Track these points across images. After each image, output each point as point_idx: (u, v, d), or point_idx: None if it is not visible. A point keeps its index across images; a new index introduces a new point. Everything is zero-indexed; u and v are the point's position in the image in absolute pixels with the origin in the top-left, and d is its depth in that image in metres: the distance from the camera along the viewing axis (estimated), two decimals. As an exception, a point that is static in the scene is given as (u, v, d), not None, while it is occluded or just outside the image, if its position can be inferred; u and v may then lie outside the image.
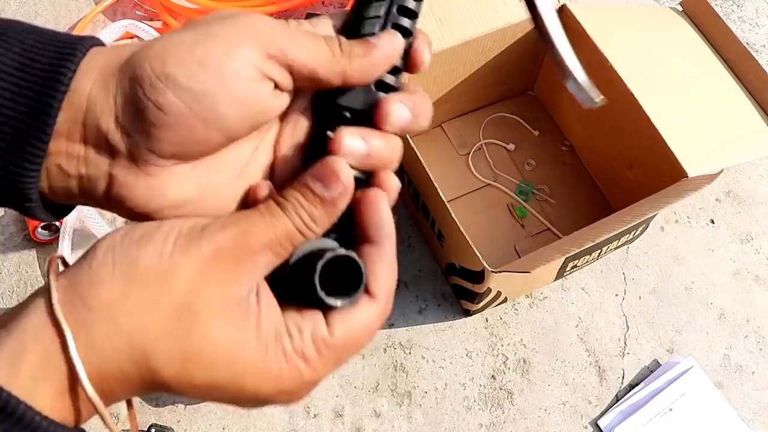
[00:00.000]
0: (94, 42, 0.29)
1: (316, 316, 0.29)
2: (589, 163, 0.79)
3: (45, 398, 0.24)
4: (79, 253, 0.75)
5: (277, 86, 0.30)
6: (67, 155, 0.28)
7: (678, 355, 0.71)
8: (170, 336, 0.26)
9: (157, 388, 0.27)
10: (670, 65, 0.69)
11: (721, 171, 0.59)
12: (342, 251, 0.29)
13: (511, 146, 0.79)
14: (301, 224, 0.29)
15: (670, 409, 0.68)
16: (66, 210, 0.32)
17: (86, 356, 0.25)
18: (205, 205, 0.30)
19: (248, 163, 0.32)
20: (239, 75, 0.28)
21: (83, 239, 0.75)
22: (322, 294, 0.28)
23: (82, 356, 0.25)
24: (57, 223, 0.73)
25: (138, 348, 0.25)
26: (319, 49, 0.30)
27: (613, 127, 0.71)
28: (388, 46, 0.32)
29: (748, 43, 0.91)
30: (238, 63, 0.28)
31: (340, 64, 0.30)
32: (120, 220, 0.76)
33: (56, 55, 0.28)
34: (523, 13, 0.66)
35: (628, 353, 0.71)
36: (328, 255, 0.29)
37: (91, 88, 0.28)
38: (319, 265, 0.28)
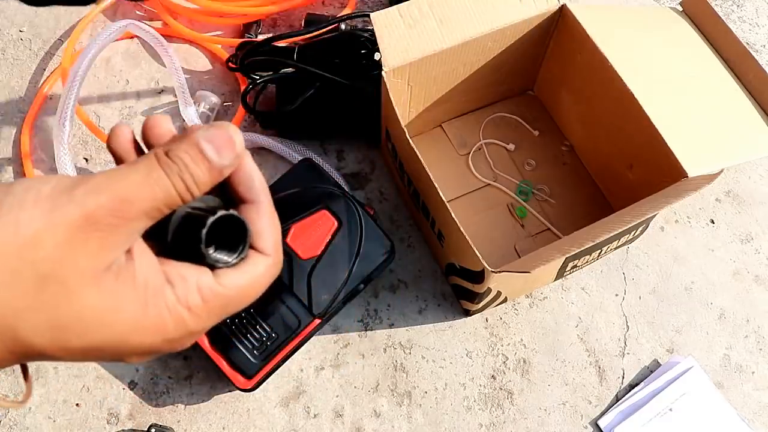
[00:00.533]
0: None
1: (201, 268, 0.29)
2: (589, 163, 0.79)
3: None
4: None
5: None
6: None
7: (678, 355, 0.71)
8: (36, 308, 0.25)
9: (33, 356, 0.26)
10: (670, 65, 0.68)
11: (721, 171, 0.59)
12: (225, 212, 0.29)
13: (511, 146, 0.79)
14: (184, 189, 0.27)
15: (670, 409, 0.68)
16: None
17: None
18: None
19: None
20: None
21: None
22: (212, 252, 0.28)
23: None
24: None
25: (3, 323, 0.24)
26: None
27: (613, 127, 0.71)
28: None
29: (748, 43, 0.91)
30: None
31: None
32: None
33: None
34: (523, 13, 0.67)
35: (628, 353, 0.71)
36: (218, 215, 0.28)
37: None
38: (208, 222, 0.28)
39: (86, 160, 0.80)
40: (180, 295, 0.28)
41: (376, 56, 0.75)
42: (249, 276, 0.30)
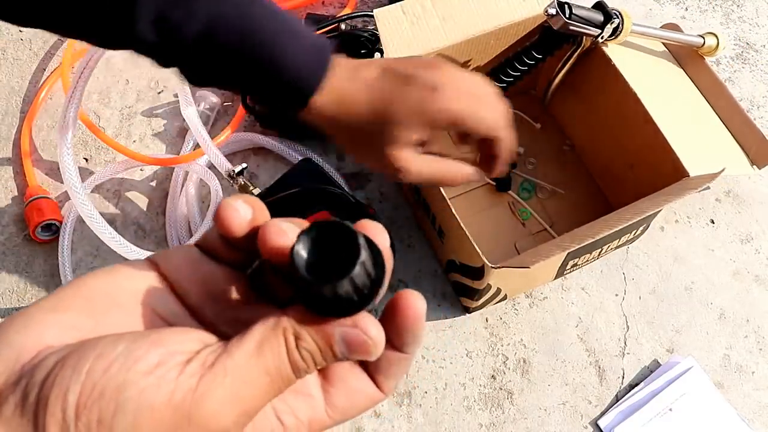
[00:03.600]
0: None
1: (314, 399, 0.27)
2: (590, 162, 0.79)
3: None
4: (79, 253, 0.75)
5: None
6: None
7: (678, 355, 0.71)
8: None
9: None
10: (672, 76, 0.70)
11: (722, 171, 0.59)
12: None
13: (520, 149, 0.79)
14: (301, 371, 0.25)
15: (670, 409, 0.68)
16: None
17: None
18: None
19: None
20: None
21: (83, 239, 0.75)
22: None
23: None
24: (57, 223, 0.73)
25: None
26: None
27: (614, 126, 0.71)
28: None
29: (748, 43, 0.92)
30: None
31: None
32: (123, 223, 0.76)
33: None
34: (525, 12, 0.67)
35: (628, 353, 0.71)
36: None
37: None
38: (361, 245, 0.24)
39: (86, 160, 0.80)
40: None
41: (377, 56, 0.75)
42: (357, 410, 0.28)
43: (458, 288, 0.71)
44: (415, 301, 0.27)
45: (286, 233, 0.26)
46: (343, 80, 0.47)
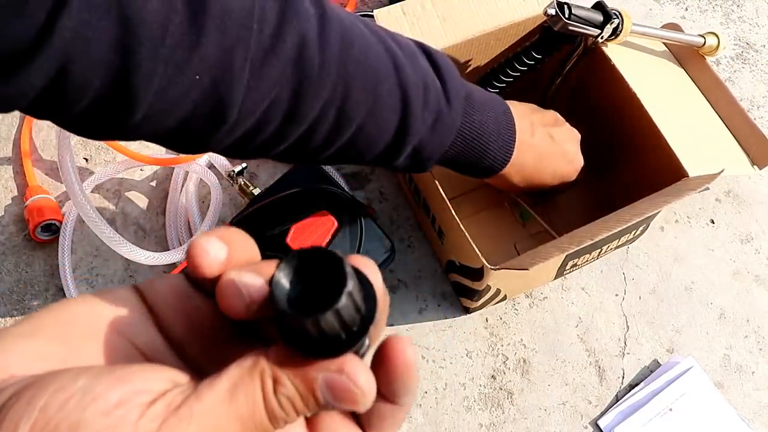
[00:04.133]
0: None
1: None
2: (589, 162, 0.78)
3: None
4: (79, 253, 0.75)
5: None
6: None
7: (678, 355, 0.71)
8: None
9: None
10: (672, 77, 0.69)
11: (722, 171, 0.59)
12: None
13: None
14: (279, 420, 0.23)
15: (670, 409, 0.68)
16: None
17: None
18: None
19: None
20: None
21: (83, 239, 0.75)
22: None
23: None
24: (57, 223, 0.73)
25: None
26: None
27: (614, 126, 0.71)
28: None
29: (748, 43, 0.92)
30: None
31: None
32: (123, 223, 0.76)
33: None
34: (525, 12, 0.67)
35: (628, 353, 0.71)
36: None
37: None
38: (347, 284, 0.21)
39: (86, 160, 0.80)
40: None
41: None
42: None
43: (458, 288, 0.71)
44: (403, 348, 0.24)
45: (243, 292, 0.23)
46: (521, 153, 0.58)
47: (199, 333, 0.25)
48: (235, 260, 0.25)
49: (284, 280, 0.22)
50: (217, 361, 0.23)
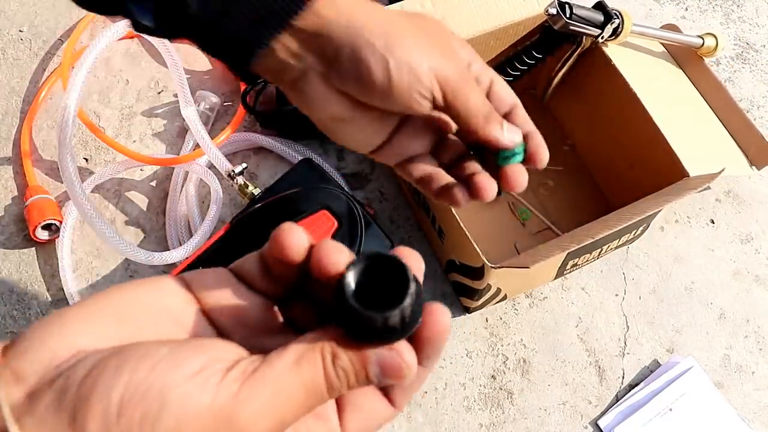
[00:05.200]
0: None
1: (331, 422, 0.28)
2: (590, 162, 0.79)
3: None
4: (79, 253, 0.74)
5: None
6: (288, 42, 0.36)
7: (678, 355, 0.71)
8: None
9: None
10: (674, 83, 0.70)
11: (722, 171, 0.59)
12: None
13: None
14: (335, 390, 0.26)
15: (670, 409, 0.68)
16: (251, 79, 0.40)
17: None
18: (346, 127, 0.40)
19: (385, 125, 0.41)
20: (421, 82, 0.37)
21: (83, 239, 0.75)
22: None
23: None
24: (57, 223, 0.73)
25: None
26: (481, 109, 0.41)
27: (615, 126, 0.71)
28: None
29: (747, 43, 0.92)
30: (425, 74, 0.37)
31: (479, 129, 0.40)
32: (123, 223, 0.76)
33: None
34: (525, 12, 0.67)
35: (628, 353, 0.71)
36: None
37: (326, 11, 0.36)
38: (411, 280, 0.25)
39: (86, 160, 0.80)
40: None
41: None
42: (373, 429, 0.29)
43: (458, 288, 0.71)
44: (442, 316, 0.27)
45: (342, 252, 0.27)
46: None
47: (243, 323, 0.28)
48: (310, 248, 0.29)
49: (351, 281, 0.25)
50: (259, 350, 0.26)
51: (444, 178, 0.41)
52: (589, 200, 0.77)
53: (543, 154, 0.42)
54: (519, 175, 0.41)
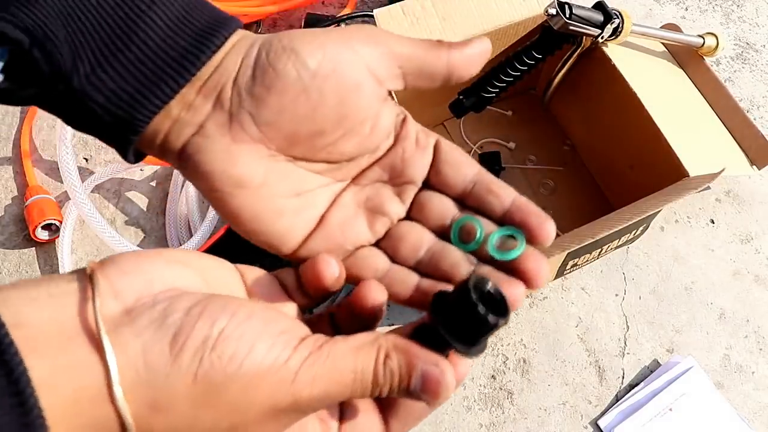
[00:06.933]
0: (239, 24, 0.32)
1: (331, 429, 0.30)
2: (590, 162, 0.79)
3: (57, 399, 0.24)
4: (79, 253, 0.75)
5: (384, 91, 0.32)
6: (182, 100, 0.30)
7: (678, 355, 0.71)
8: None
9: None
10: (675, 83, 0.70)
11: (722, 171, 0.60)
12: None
13: (512, 145, 0.80)
14: (378, 387, 0.28)
15: (670, 409, 0.68)
16: (138, 158, 0.33)
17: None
18: (256, 201, 0.31)
19: (311, 193, 0.33)
20: (351, 65, 0.30)
21: (83, 239, 0.75)
22: (487, 315, 0.27)
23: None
24: (57, 223, 0.73)
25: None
26: (423, 44, 0.32)
27: (614, 126, 0.71)
28: (481, 46, 0.33)
29: (747, 43, 0.92)
30: (351, 55, 0.30)
31: (441, 55, 0.32)
32: (123, 223, 0.76)
33: (213, 21, 0.31)
34: (525, 12, 0.67)
35: (628, 353, 0.71)
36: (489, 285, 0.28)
37: (227, 53, 0.31)
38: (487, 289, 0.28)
39: (86, 159, 0.80)
40: None
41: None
42: None
43: (458, 288, 0.71)
44: (464, 366, 0.29)
45: (382, 292, 0.31)
46: None
47: None
48: (342, 277, 0.32)
49: (475, 289, 0.27)
50: None
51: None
52: (589, 200, 0.77)
53: (547, 229, 0.32)
54: (539, 264, 0.31)
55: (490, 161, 0.76)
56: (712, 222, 0.79)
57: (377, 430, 0.31)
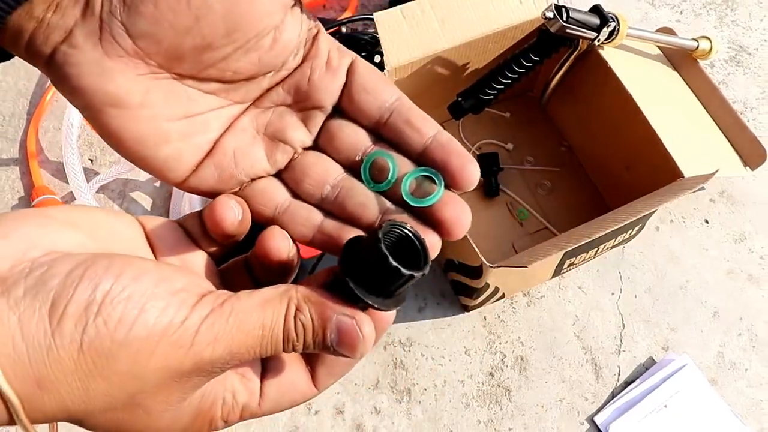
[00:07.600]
0: None
1: (253, 385, 0.28)
2: (587, 163, 0.80)
3: None
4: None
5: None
6: None
7: (673, 353, 0.72)
8: (112, 419, 0.25)
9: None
10: (669, 85, 0.71)
11: (716, 172, 0.61)
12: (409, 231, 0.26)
13: (510, 146, 0.81)
14: (290, 342, 0.26)
15: (665, 406, 0.69)
16: (3, 57, 0.28)
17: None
18: (138, 123, 0.27)
19: (202, 116, 0.28)
20: None
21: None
22: (398, 266, 0.25)
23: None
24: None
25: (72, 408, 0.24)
26: None
27: (611, 128, 0.72)
28: None
29: (741, 46, 0.93)
30: None
31: None
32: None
33: None
34: (523, 15, 0.68)
35: (623, 351, 0.73)
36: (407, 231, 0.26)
37: None
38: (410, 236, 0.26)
39: (91, 161, 0.81)
40: (225, 413, 0.28)
41: (377, 59, 0.77)
42: (287, 404, 0.29)
43: (457, 287, 0.72)
44: (385, 317, 0.28)
45: (287, 239, 0.28)
46: None
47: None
48: (246, 222, 0.29)
49: (383, 240, 0.25)
50: None
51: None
52: (585, 200, 0.78)
53: (469, 171, 0.28)
54: (459, 212, 0.28)
55: (489, 162, 0.77)
56: (707, 222, 0.80)
57: (303, 381, 0.29)
